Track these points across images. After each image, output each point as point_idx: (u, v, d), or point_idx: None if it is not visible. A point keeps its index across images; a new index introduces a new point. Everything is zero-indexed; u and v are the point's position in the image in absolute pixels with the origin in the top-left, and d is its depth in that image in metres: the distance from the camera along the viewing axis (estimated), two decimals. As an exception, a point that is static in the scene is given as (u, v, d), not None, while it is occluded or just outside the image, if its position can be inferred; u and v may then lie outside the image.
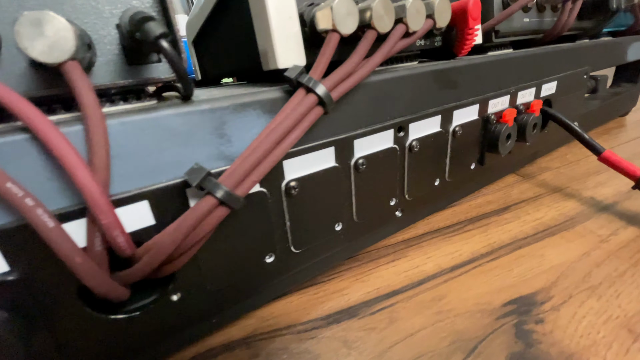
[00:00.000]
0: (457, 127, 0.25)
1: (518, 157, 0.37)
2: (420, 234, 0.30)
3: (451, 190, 0.30)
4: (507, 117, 0.28)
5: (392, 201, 0.24)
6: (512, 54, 0.30)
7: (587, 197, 0.35)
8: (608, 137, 0.52)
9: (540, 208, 0.34)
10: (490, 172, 0.34)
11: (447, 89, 0.25)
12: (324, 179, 0.19)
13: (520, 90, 0.30)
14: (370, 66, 0.18)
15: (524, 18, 0.30)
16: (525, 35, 0.32)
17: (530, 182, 0.39)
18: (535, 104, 0.31)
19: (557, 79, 0.35)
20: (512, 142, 0.30)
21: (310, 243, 0.20)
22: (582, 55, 0.38)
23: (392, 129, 0.22)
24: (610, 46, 0.42)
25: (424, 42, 0.24)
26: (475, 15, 0.24)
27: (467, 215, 0.33)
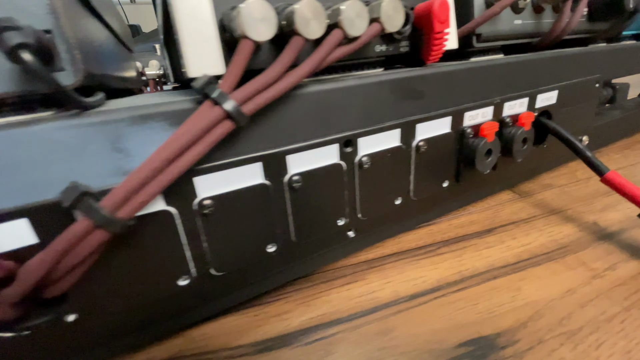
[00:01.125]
0: (421, 142, 0.23)
1: (514, 172, 0.33)
2: (387, 254, 0.28)
3: (420, 209, 0.27)
4: (486, 131, 0.25)
5: (340, 221, 0.21)
6: (499, 60, 0.26)
7: (589, 222, 0.31)
8: (630, 152, 0.46)
9: (531, 232, 0.30)
10: (475, 189, 0.31)
11: (410, 100, 0.22)
12: (250, 197, 0.18)
13: (508, 100, 0.27)
14: (295, 77, 0.16)
15: (514, 20, 0.27)
16: (518, 39, 0.28)
17: (526, 201, 0.35)
18: (525, 117, 0.27)
19: (558, 88, 0.30)
20: (493, 158, 0.26)
21: (237, 266, 0.19)
22: (593, 62, 0.34)
23: (337, 143, 0.20)
24: (630, 51, 0.37)
25: (386, 48, 0.22)
26: (442, 18, 0.21)
27: (444, 235, 0.30)
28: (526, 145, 0.28)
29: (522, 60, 0.27)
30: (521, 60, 0.27)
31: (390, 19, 0.18)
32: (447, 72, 0.23)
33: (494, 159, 0.26)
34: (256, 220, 0.18)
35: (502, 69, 0.26)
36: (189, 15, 0.15)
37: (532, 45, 0.29)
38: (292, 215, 0.19)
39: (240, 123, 0.15)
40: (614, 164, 0.42)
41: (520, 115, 0.27)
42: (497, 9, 0.23)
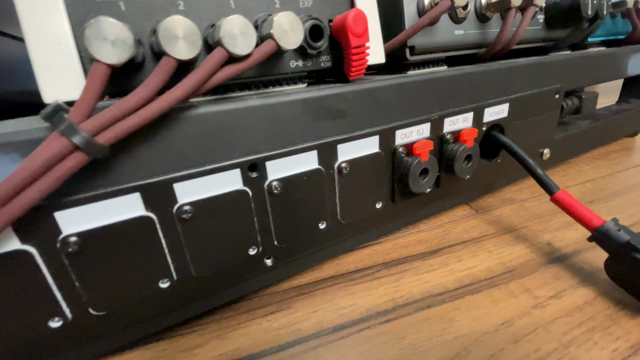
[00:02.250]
0: (343, 164, 0.21)
1: (465, 188, 0.31)
2: (322, 278, 0.26)
3: (351, 232, 0.25)
4: (419, 150, 0.23)
5: (252, 250, 0.20)
6: (437, 73, 0.24)
7: (543, 242, 0.29)
8: (602, 163, 0.44)
9: (479, 253, 0.28)
10: (419, 207, 0.29)
11: (329, 119, 0.20)
12: (130, 231, 0.16)
13: (449, 116, 0.25)
14: (165, 102, 0.14)
15: (455, 31, 0.25)
16: (460, 50, 0.26)
17: (481, 218, 0.33)
18: (467, 133, 0.25)
19: (509, 101, 0.29)
20: (430, 178, 0.25)
21: (116, 306, 0.17)
22: (551, 71, 0.32)
23: (239, 168, 0.18)
24: (596, 58, 0.35)
25: (303, 64, 0.20)
26: (358, 32, 0.19)
27: (386, 257, 0.28)
28: (470, 163, 0.26)
29: (465, 73, 0.25)
30: (464, 72, 0.25)
31: (286, 35, 0.16)
32: (371, 88, 0.21)
33: (431, 179, 0.24)
34: (141, 255, 0.17)
35: (441, 82, 0.24)
36: (40, 36, 0.13)
37: (479, 56, 0.27)
38: (187, 249, 0.18)
39: (95, 155, 0.13)
40: (583, 176, 0.40)
41: (462, 131, 0.25)
42: (426, 20, 0.22)
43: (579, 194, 0.36)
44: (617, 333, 0.21)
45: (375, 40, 0.21)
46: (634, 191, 0.36)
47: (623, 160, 0.44)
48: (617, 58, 0.38)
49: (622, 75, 0.40)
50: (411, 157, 0.23)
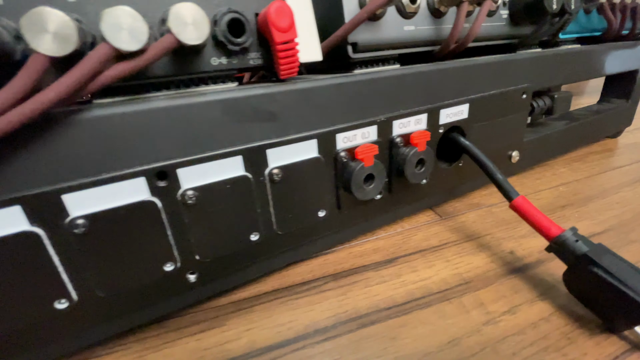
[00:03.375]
0: (275, 170, 0.19)
1: (430, 192, 0.29)
2: (265, 291, 0.24)
3: (292, 243, 0.23)
4: (361, 155, 0.21)
5: (168, 266, 0.18)
6: (385, 72, 0.22)
7: (506, 250, 0.27)
8: (580, 165, 0.42)
9: (436, 263, 0.26)
10: (376, 214, 0.27)
11: (256, 122, 0.19)
12: (14, 249, 0.14)
13: (399, 118, 0.23)
14: (31, 107, 0.12)
15: (405, 26, 0.23)
16: (411, 47, 0.25)
17: (444, 224, 0.31)
18: (418, 136, 0.23)
19: (469, 102, 0.27)
20: (378, 183, 0.23)
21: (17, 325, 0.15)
22: (518, 70, 0.30)
23: (143, 176, 0.16)
24: (567, 57, 0.33)
25: (227, 61, 0.18)
26: (281, 26, 0.17)
27: (337, 267, 0.26)
28: (424, 167, 0.25)
29: (416, 72, 0.24)
30: (416, 71, 0.24)
31: (186, 28, 0.14)
32: (305, 89, 0.19)
33: (378, 185, 0.23)
34: (29, 277, 0.15)
35: (389, 82, 0.23)
36: None
37: (435, 54, 0.25)
38: (88, 266, 0.16)
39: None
40: (558, 179, 0.38)
41: (412, 134, 0.23)
42: (364, 15, 0.20)
43: (551, 198, 0.34)
44: (572, 354, 0.19)
45: (308, 35, 0.19)
46: (609, 195, 0.35)
47: (602, 162, 0.42)
48: (592, 56, 0.36)
49: (598, 74, 0.38)
50: (355, 162, 0.21)
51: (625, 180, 0.38)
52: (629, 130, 0.53)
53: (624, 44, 0.40)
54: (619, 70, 0.42)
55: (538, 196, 0.35)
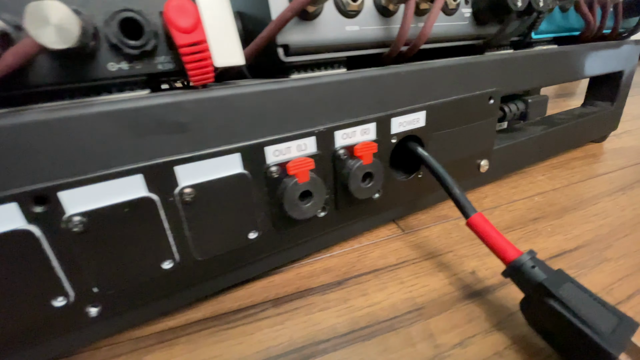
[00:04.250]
0: (187, 189, 0.17)
1: (386, 206, 0.27)
2: (195, 320, 0.22)
3: (218, 269, 0.20)
4: (293, 169, 0.19)
5: (59, 301, 0.16)
6: (326, 77, 0.20)
7: (467, 270, 0.25)
8: (560, 172, 0.39)
9: (388, 285, 0.24)
10: (323, 231, 0.24)
11: (162, 135, 0.16)
12: None
13: (342, 128, 0.21)
14: None
15: (346, 26, 0.21)
16: (356, 49, 0.22)
17: (406, 239, 0.29)
18: (362, 148, 0.21)
19: (425, 108, 0.25)
20: (317, 200, 0.20)
21: None
22: (484, 73, 0.27)
23: (15, 202, 0.14)
24: (540, 59, 0.31)
25: (130, 66, 0.16)
26: (182, 26, 0.15)
27: (281, 290, 0.24)
28: (373, 181, 0.22)
29: (363, 77, 0.21)
30: (362, 76, 0.21)
31: (48, 31, 0.12)
32: (224, 97, 0.17)
33: (318, 202, 0.20)
34: None
35: (330, 88, 0.20)
36: None
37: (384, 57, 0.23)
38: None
39: None
40: (535, 188, 0.36)
41: (355, 146, 0.21)
42: (288, 13, 0.17)
43: (524, 210, 0.32)
44: (524, 397, 0.17)
45: (224, 36, 0.17)
46: (587, 206, 0.32)
47: (583, 169, 0.40)
48: (569, 57, 0.33)
49: (577, 76, 0.36)
50: (288, 178, 0.19)
51: (606, 189, 0.35)
52: (616, 134, 0.50)
53: (607, 44, 0.38)
54: (601, 72, 0.39)
55: (511, 207, 0.32)
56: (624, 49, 0.40)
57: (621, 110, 0.46)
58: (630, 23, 0.41)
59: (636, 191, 0.34)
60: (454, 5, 0.24)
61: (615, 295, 0.22)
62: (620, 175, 0.38)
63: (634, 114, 0.61)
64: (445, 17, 0.25)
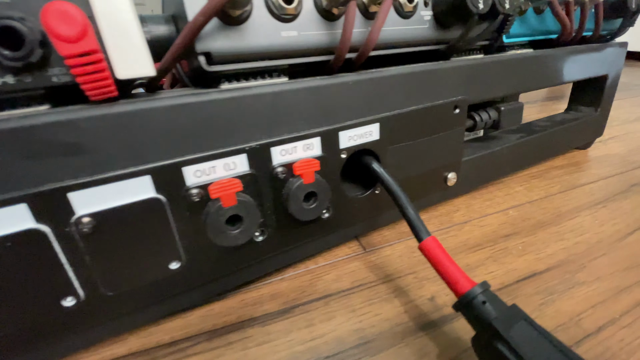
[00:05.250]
0: (85, 219, 0.15)
1: (339, 226, 0.25)
2: (119, 355, 0.19)
3: (133, 304, 0.18)
4: (216, 192, 0.17)
5: None
6: (265, 88, 0.18)
7: (425, 296, 0.23)
8: (539, 182, 0.37)
9: (338, 314, 0.22)
10: (263, 257, 0.21)
11: (53, 158, 0.14)
12: None
13: (280, 144, 0.19)
14: None
15: (282, 32, 0.19)
16: (295, 57, 0.20)
17: (365, 259, 0.26)
18: (302, 166, 0.19)
19: (379, 121, 0.22)
20: (249, 224, 0.18)
21: None
22: (449, 80, 0.25)
23: None
24: (511, 64, 0.29)
25: (17, 80, 0.14)
26: (65, 35, 0.13)
27: (220, 320, 0.21)
28: (317, 201, 0.20)
29: (306, 88, 0.19)
30: (305, 87, 0.19)
31: None
32: (127, 113, 0.15)
33: (249, 226, 0.18)
34: None
35: (267, 100, 0.18)
36: None
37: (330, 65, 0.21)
38: None
39: None
40: (510, 200, 0.34)
41: (294, 164, 0.19)
42: (200, 19, 0.15)
43: (495, 225, 0.29)
44: None
45: (127, 44, 0.15)
46: (563, 221, 0.30)
47: (564, 179, 0.37)
48: (544, 62, 0.31)
49: (554, 82, 0.34)
50: (212, 201, 0.17)
51: (586, 201, 0.33)
52: (602, 141, 0.48)
53: (587, 47, 0.35)
54: (583, 77, 0.37)
55: (483, 222, 0.30)
56: (607, 52, 0.38)
57: (606, 116, 0.43)
58: (614, 25, 0.39)
59: (618, 204, 0.32)
60: (411, 8, 0.22)
61: (585, 326, 0.20)
62: (602, 186, 0.35)
63: (622, 119, 0.58)
64: (401, 21, 0.22)
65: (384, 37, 0.22)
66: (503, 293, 0.22)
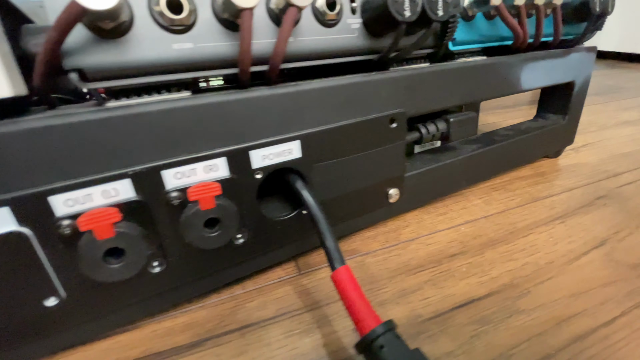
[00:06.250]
0: None
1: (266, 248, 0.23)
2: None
3: (7, 340, 0.16)
4: (86, 224, 0.15)
5: None
6: (157, 105, 0.16)
7: (349, 327, 0.20)
8: (499, 195, 0.35)
9: (250, 348, 0.20)
10: (167, 287, 0.20)
11: None
12: None
13: (174, 166, 0.17)
14: None
15: (173, 44, 0.17)
16: (192, 71, 0.18)
17: (297, 283, 0.24)
18: (198, 191, 0.17)
19: (300, 138, 0.21)
20: (133, 258, 0.16)
21: None
22: (383, 93, 0.23)
23: None
24: (455, 73, 0.27)
25: None
26: None
27: (122, 355, 0.19)
28: (222, 228, 0.18)
29: (205, 104, 0.17)
30: (207, 103, 0.17)
31: None
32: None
33: (134, 260, 0.16)
34: None
35: (160, 118, 0.16)
36: None
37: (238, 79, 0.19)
38: None
39: None
40: (466, 214, 0.32)
41: (188, 189, 0.17)
42: (53, 35, 0.13)
43: (444, 243, 0.28)
44: None
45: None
46: (516, 238, 0.28)
47: (526, 191, 0.36)
48: (496, 70, 0.29)
49: (509, 90, 0.32)
50: (85, 235, 0.15)
51: (544, 216, 0.31)
52: (575, 148, 0.46)
53: (548, 53, 0.34)
54: (545, 84, 0.35)
55: (431, 239, 0.28)
56: (572, 58, 0.36)
57: (576, 123, 0.41)
58: (580, 29, 0.37)
59: (578, 219, 0.30)
60: (333, 16, 0.20)
61: (515, 364, 0.18)
62: (565, 199, 0.34)
63: (600, 124, 0.56)
64: (324, 30, 0.21)
65: (304, 47, 0.20)
66: (434, 323, 0.21)
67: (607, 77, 1.00)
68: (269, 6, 0.18)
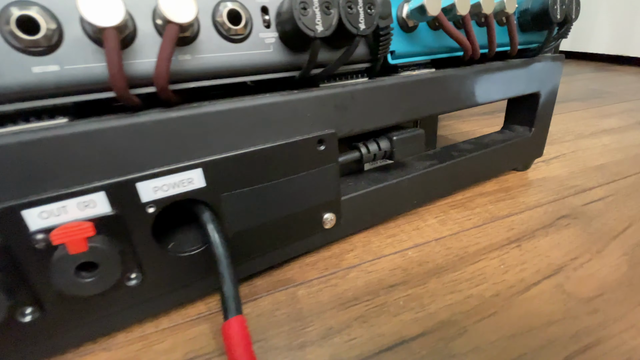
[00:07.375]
0: None
1: (168, 288, 0.20)
2: None
3: None
4: None
5: None
6: (20, 135, 0.14)
7: (260, 375, 0.19)
8: (457, 213, 0.32)
9: (143, 403, 0.18)
10: (42, 339, 0.17)
11: None
12: None
13: (35, 205, 0.15)
14: None
15: (32, 67, 0.15)
16: (63, 96, 0.16)
17: (214, 321, 0.22)
18: (64, 233, 0.15)
19: (202, 165, 0.18)
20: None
21: None
22: (309, 112, 0.21)
23: None
24: (393, 89, 0.24)
25: None
26: None
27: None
28: (102, 272, 0.16)
29: (73, 133, 0.15)
30: (72, 132, 0.15)
31: None
32: None
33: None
34: None
35: (11, 151, 0.14)
36: None
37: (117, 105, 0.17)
38: None
39: None
40: (417, 237, 0.29)
41: (52, 232, 0.15)
42: None
43: (385, 271, 0.25)
44: None
45: None
46: (464, 266, 0.26)
47: (487, 209, 0.33)
48: (444, 83, 0.27)
49: (462, 104, 0.29)
50: None
51: (500, 239, 0.29)
52: (546, 160, 0.44)
53: (506, 64, 0.31)
54: (504, 97, 0.33)
55: (373, 266, 0.26)
56: (535, 67, 0.34)
57: (544, 135, 0.39)
58: (543, 37, 0.35)
59: (535, 242, 0.28)
60: (241, 30, 0.18)
61: (434, 423, 0.16)
62: (525, 219, 0.31)
63: (577, 132, 0.54)
64: (230, 46, 0.18)
65: (206, 64, 0.18)
66: (354, 371, 0.18)
67: (592, 80, 0.97)
68: (155, 22, 0.16)
